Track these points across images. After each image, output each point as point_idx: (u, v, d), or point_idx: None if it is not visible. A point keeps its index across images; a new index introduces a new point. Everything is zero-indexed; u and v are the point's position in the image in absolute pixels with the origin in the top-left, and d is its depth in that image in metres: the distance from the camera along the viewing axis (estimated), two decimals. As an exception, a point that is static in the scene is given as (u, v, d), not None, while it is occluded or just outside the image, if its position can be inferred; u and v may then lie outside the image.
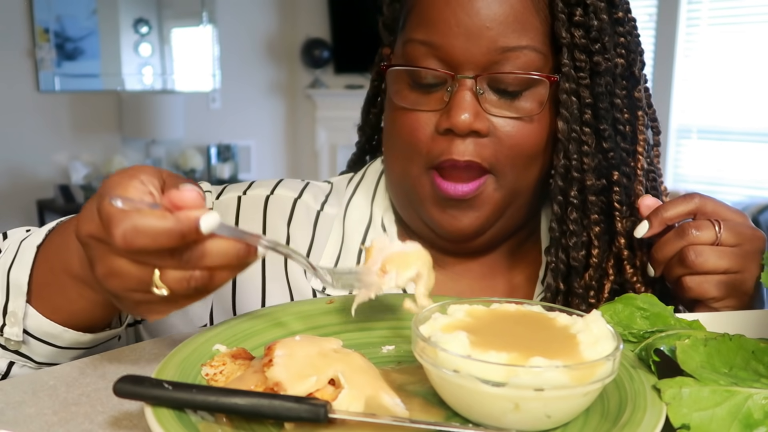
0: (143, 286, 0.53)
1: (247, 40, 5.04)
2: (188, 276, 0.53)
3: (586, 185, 0.78)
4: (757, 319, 0.66)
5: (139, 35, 4.69)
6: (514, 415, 0.47)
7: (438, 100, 0.77)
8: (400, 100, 0.79)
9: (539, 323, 0.56)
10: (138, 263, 0.53)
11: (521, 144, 0.76)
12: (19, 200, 4.12)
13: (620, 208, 0.79)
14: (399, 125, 0.79)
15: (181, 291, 0.54)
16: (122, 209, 0.50)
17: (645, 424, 0.46)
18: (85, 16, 4.38)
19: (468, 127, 0.74)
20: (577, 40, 0.76)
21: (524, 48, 0.75)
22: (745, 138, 3.82)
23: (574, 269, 0.79)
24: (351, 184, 0.93)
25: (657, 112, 0.86)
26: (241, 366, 0.56)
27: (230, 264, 0.54)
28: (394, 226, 0.88)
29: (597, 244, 0.79)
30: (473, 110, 0.74)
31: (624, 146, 0.80)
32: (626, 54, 0.79)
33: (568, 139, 0.77)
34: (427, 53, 0.76)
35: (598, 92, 0.77)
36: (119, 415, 0.53)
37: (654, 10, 3.97)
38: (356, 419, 0.48)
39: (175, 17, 4.86)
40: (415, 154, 0.78)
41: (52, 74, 4.23)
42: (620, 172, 0.79)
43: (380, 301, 0.71)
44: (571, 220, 0.79)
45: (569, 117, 0.77)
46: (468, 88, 0.75)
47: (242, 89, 5.06)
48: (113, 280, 0.54)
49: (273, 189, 0.90)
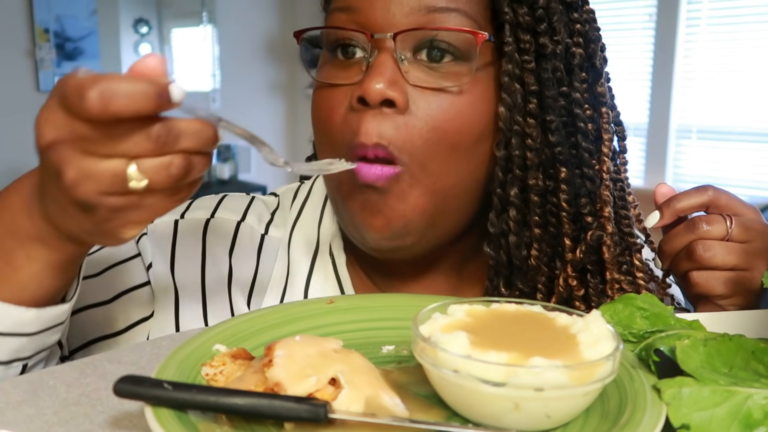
0: (119, 183, 0.49)
1: (247, 40, 5.04)
2: (168, 162, 0.49)
3: (528, 184, 0.70)
4: (757, 319, 0.66)
5: (139, 35, 4.69)
6: (514, 415, 0.47)
7: (357, 72, 0.68)
8: (319, 74, 0.71)
9: (539, 323, 0.56)
10: (110, 157, 0.48)
11: (442, 125, 0.66)
12: (19, 200, 4.12)
13: (568, 209, 0.72)
14: (316, 104, 0.71)
15: (161, 182, 0.49)
16: (94, 75, 0.46)
17: (645, 424, 0.46)
18: (85, 16, 4.38)
19: (380, 94, 0.64)
20: (520, 18, 0.68)
21: (453, 11, 0.66)
22: (745, 138, 3.82)
23: (517, 268, 0.73)
24: (297, 201, 0.84)
25: (657, 112, 0.85)
26: (241, 366, 0.56)
27: (205, 145, 0.51)
28: (342, 254, 0.80)
29: (537, 246, 0.72)
30: (389, 77, 0.65)
31: (586, 146, 0.72)
32: (585, 44, 0.72)
33: (509, 129, 0.69)
34: (346, 20, 0.68)
35: (544, 78, 0.69)
36: (119, 415, 0.53)
37: (654, 10, 3.96)
38: (356, 419, 0.48)
39: (175, 17, 4.86)
40: (331, 140, 0.69)
41: (52, 74, 4.23)
42: (568, 168, 0.72)
43: (381, 301, 0.72)
44: (511, 218, 0.71)
45: (512, 104, 0.68)
46: (388, 53, 0.66)
47: (242, 89, 5.05)
48: (85, 184, 0.48)
49: (214, 211, 0.82)
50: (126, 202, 0.50)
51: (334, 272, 0.80)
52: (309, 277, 0.80)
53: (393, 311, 0.69)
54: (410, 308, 0.62)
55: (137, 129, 0.48)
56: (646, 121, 3.99)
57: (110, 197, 0.50)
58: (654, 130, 3.96)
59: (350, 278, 0.80)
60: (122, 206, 0.51)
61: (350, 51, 0.69)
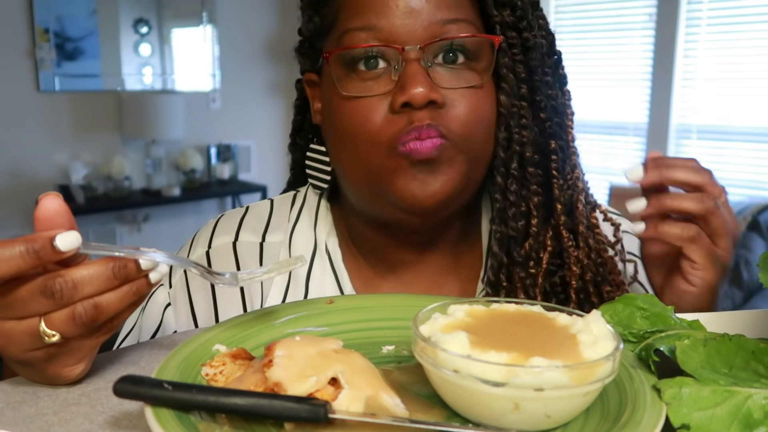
0: (37, 340, 0.54)
1: (247, 40, 5.03)
2: (71, 313, 0.53)
3: (525, 157, 0.80)
4: (757, 319, 0.66)
5: (139, 35, 4.69)
6: (514, 415, 0.47)
7: (386, 83, 0.76)
8: (347, 90, 0.77)
9: (539, 323, 0.56)
10: (19, 318, 0.53)
11: (476, 112, 0.77)
12: (19, 200, 4.12)
13: (558, 176, 0.81)
14: (349, 115, 0.77)
15: (72, 332, 0.54)
16: None
17: (645, 424, 0.46)
18: (85, 16, 4.37)
19: (425, 97, 0.73)
20: (507, 18, 0.79)
21: (462, 20, 0.76)
22: (745, 138, 3.82)
23: (513, 239, 0.80)
24: (295, 207, 0.93)
25: (657, 112, 0.87)
26: (241, 366, 0.56)
27: (108, 286, 0.54)
28: (338, 249, 0.89)
29: (536, 214, 0.80)
30: (427, 82, 0.73)
31: (557, 120, 0.82)
32: (546, 35, 0.83)
33: (509, 113, 0.79)
34: (368, 38, 0.75)
35: (532, 66, 0.80)
36: (119, 415, 0.53)
37: (654, 10, 3.96)
38: (356, 419, 0.48)
39: (175, 17, 4.85)
40: (373, 139, 0.75)
41: (52, 74, 4.23)
42: (556, 141, 0.81)
43: (381, 301, 0.72)
44: (511, 191, 0.80)
45: (510, 91, 0.79)
46: (416, 61, 0.74)
47: (242, 89, 5.05)
48: (10, 346, 0.55)
49: (210, 241, 0.90)
50: (53, 351, 0.55)
51: (330, 267, 0.88)
52: (309, 272, 0.87)
53: (393, 311, 0.69)
54: (410, 308, 0.62)
55: (38, 288, 0.52)
56: (646, 121, 3.99)
57: (35, 352, 0.55)
58: (654, 130, 3.96)
59: (347, 270, 0.88)
60: (51, 356, 0.56)
61: (372, 63, 0.76)
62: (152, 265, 0.55)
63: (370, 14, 0.75)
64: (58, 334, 0.53)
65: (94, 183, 4.26)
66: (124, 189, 4.34)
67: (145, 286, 0.56)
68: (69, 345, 0.56)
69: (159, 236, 4.76)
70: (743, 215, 3.43)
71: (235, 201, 4.95)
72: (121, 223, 4.64)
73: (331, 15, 0.80)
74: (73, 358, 0.57)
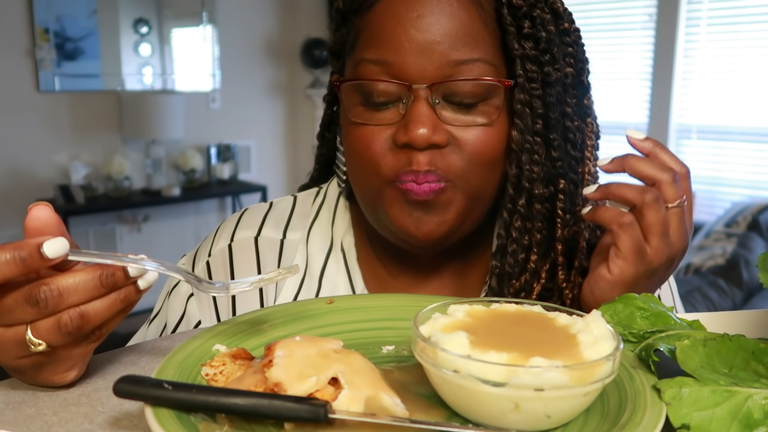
0: (24, 348, 0.53)
1: (247, 40, 5.03)
2: (56, 322, 0.52)
3: (533, 194, 0.79)
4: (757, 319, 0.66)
5: (139, 35, 4.69)
6: (514, 415, 0.47)
7: (393, 115, 0.76)
8: (355, 116, 0.78)
9: (539, 323, 0.56)
10: (11, 326, 0.53)
11: (482, 151, 0.76)
12: (19, 200, 4.12)
13: (563, 216, 0.79)
14: (355, 140, 0.78)
15: (58, 340, 0.53)
16: None
17: (645, 424, 0.46)
18: (85, 16, 4.38)
19: (426, 140, 0.73)
20: (528, 52, 0.76)
21: (476, 61, 0.74)
22: (745, 138, 3.82)
23: (507, 274, 0.80)
24: (315, 204, 0.94)
25: (657, 112, 0.86)
26: (241, 366, 0.56)
27: (95, 294, 0.53)
28: (353, 248, 0.90)
29: (536, 250, 0.79)
30: (431, 123, 0.73)
31: (573, 154, 0.81)
32: (574, 63, 0.80)
33: (521, 149, 0.77)
34: (380, 72, 0.75)
35: (549, 102, 0.78)
36: (119, 415, 0.53)
37: (654, 10, 3.97)
38: (356, 419, 0.48)
39: (175, 17, 4.86)
40: (374, 169, 0.77)
41: (52, 74, 4.23)
42: (566, 179, 0.80)
43: (381, 301, 0.72)
44: (515, 227, 0.79)
45: (523, 127, 0.77)
46: (424, 100, 0.74)
47: (242, 89, 5.05)
48: (1, 353, 0.55)
49: (233, 234, 0.90)
50: (42, 360, 0.55)
51: (345, 265, 0.89)
52: (324, 268, 0.89)
53: (393, 311, 0.69)
54: (410, 308, 0.62)
55: (23, 296, 0.52)
56: (646, 121, 3.99)
57: (23, 360, 0.55)
58: (654, 129, 3.96)
59: (360, 270, 0.89)
60: (41, 364, 0.56)
61: (382, 96, 0.76)
62: (140, 272, 0.54)
63: (384, 48, 0.75)
64: (44, 342, 0.53)
65: (94, 183, 4.26)
66: (124, 189, 4.35)
67: (133, 293, 0.55)
68: (57, 354, 0.55)
69: (159, 236, 4.76)
70: (743, 215, 3.43)
71: (235, 201, 4.96)
72: (121, 223, 4.64)
73: (353, 34, 0.80)
74: (63, 366, 0.57)
